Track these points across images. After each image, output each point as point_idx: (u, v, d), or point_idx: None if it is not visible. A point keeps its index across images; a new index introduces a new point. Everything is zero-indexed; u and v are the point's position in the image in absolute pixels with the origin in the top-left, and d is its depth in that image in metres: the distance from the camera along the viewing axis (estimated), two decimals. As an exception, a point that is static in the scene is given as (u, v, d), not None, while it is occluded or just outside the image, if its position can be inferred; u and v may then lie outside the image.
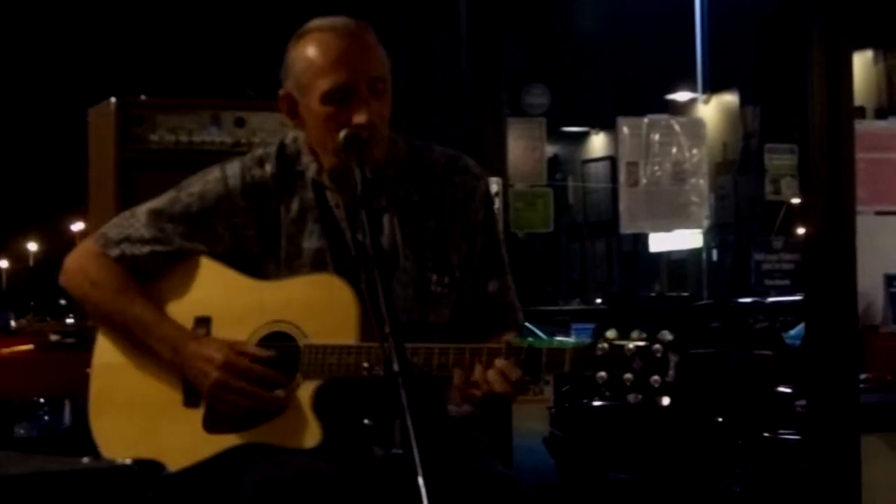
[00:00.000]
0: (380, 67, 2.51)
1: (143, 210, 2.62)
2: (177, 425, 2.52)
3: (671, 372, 2.30)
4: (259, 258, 2.56)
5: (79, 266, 2.63)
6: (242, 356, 2.47)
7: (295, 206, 2.57)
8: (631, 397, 2.30)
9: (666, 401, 2.29)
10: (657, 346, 2.31)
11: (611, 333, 2.34)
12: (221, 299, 2.55)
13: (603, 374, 2.31)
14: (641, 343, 2.32)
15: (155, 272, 2.59)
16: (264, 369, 2.46)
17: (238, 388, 2.45)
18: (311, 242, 2.55)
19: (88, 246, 2.64)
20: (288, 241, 2.56)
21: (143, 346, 2.56)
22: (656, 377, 2.29)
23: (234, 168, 2.60)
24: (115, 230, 2.62)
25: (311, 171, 2.58)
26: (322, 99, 2.48)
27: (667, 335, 2.32)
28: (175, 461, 2.50)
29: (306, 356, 2.44)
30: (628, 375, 2.30)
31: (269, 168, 2.59)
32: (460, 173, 2.64)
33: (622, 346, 2.32)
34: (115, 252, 2.59)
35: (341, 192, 2.56)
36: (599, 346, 2.32)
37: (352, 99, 2.46)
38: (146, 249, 2.58)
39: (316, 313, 2.47)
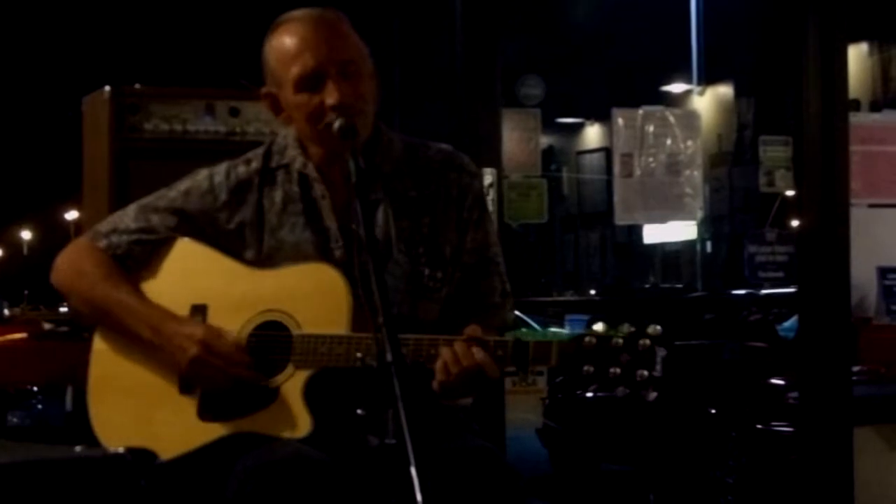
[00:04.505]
0: (349, 51, 2.52)
1: (131, 206, 2.68)
2: (171, 413, 2.54)
3: (658, 366, 2.29)
4: (240, 253, 2.59)
5: (68, 260, 2.68)
6: (222, 339, 2.49)
7: (278, 198, 2.60)
8: (619, 391, 2.29)
9: (653, 395, 2.28)
10: (644, 339, 2.30)
11: (599, 327, 2.33)
12: (218, 287, 2.58)
13: (590, 367, 2.31)
14: (628, 336, 2.31)
15: (143, 259, 2.63)
16: (243, 353, 2.48)
17: (216, 364, 2.47)
18: (292, 235, 2.58)
19: (78, 242, 2.72)
20: (270, 235, 2.59)
21: (126, 331, 2.58)
22: (643, 371, 2.29)
23: (220, 167, 2.66)
24: (105, 225, 2.68)
25: (298, 163, 2.60)
26: (295, 87, 2.50)
27: (654, 328, 2.31)
28: (167, 449, 2.51)
29: (298, 345, 2.45)
30: (615, 369, 2.30)
31: (254, 165, 2.64)
32: (456, 170, 2.65)
33: (609, 339, 2.31)
34: (103, 243, 2.64)
35: (328, 183, 2.58)
36: (587, 339, 2.32)
37: (322, 83, 2.48)
38: (133, 238, 2.63)
39: (309, 303, 2.48)
